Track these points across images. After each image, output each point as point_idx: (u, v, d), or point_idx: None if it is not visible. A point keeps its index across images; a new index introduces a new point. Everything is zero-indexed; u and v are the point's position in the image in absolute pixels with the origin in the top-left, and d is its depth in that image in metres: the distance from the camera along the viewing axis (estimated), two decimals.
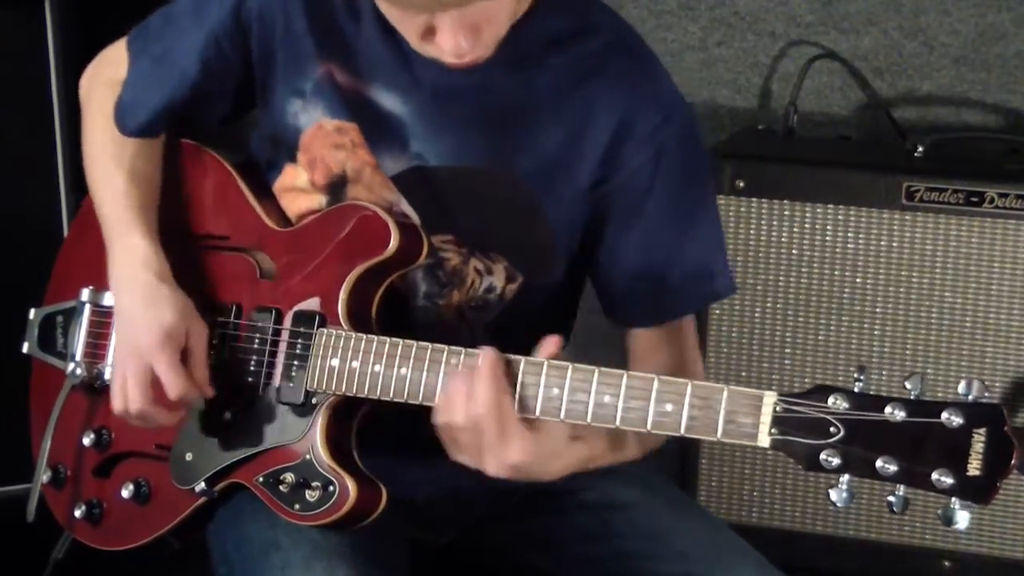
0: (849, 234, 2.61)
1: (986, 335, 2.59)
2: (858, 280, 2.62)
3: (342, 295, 1.82)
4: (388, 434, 1.87)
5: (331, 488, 1.78)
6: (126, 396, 1.87)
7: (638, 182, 1.89)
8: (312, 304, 1.84)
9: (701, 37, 3.09)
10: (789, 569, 2.64)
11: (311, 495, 1.79)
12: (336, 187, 1.91)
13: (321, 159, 1.91)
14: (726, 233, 2.61)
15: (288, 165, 1.94)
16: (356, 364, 1.78)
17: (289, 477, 1.81)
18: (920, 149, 2.68)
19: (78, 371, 1.99)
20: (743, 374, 2.69)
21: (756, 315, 2.67)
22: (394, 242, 1.81)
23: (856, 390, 1.56)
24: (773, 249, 2.64)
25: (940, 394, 2.61)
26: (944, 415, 1.51)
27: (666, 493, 2.00)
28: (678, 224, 1.93)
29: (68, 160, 2.71)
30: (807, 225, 2.63)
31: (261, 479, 1.83)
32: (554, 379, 1.69)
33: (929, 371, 2.62)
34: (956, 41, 2.98)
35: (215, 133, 2.05)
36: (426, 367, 1.75)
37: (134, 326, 1.88)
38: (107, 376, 1.98)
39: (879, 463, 1.53)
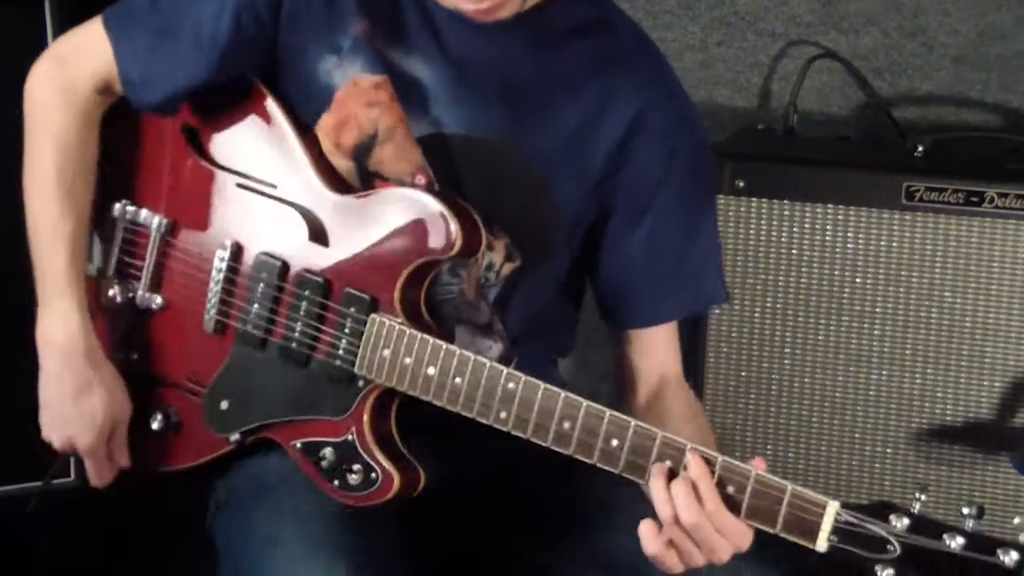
0: (849, 234, 2.61)
1: (986, 335, 2.59)
2: (858, 280, 2.62)
3: (399, 285, 1.83)
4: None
5: (373, 475, 1.82)
6: (94, 473, 2.00)
7: (649, 176, 1.94)
8: (366, 287, 1.85)
9: (701, 37, 3.09)
10: (789, 569, 2.65)
11: (353, 478, 1.82)
12: (363, 150, 1.92)
13: (354, 117, 1.92)
14: (726, 233, 2.63)
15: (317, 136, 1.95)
16: (409, 361, 1.81)
17: (329, 453, 1.84)
18: (920, 149, 2.68)
19: (110, 292, 2.02)
20: (743, 374, 2.68)
21: (756, 315, 2.66)
22: (459, 243, 1.82)
23: (916, 510, 1.62)
24: (773, 249, 2.64)
25: (939, 394, 2.61)
26: (1000, 553, 1.58)
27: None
28: (684, 226, 1.98)
29: None
30: (807, 225, 2.62)
31: (299, 445, 1.86)
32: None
33: (929, 371, 2.61)
34: (956, 41, 2.98)
35: None
36: (482, 386, 1.77)
37: (66, 411, 1.98)
38: (140, 299, 2.00)
39: None
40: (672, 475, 1.70)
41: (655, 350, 2.03)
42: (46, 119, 2.02)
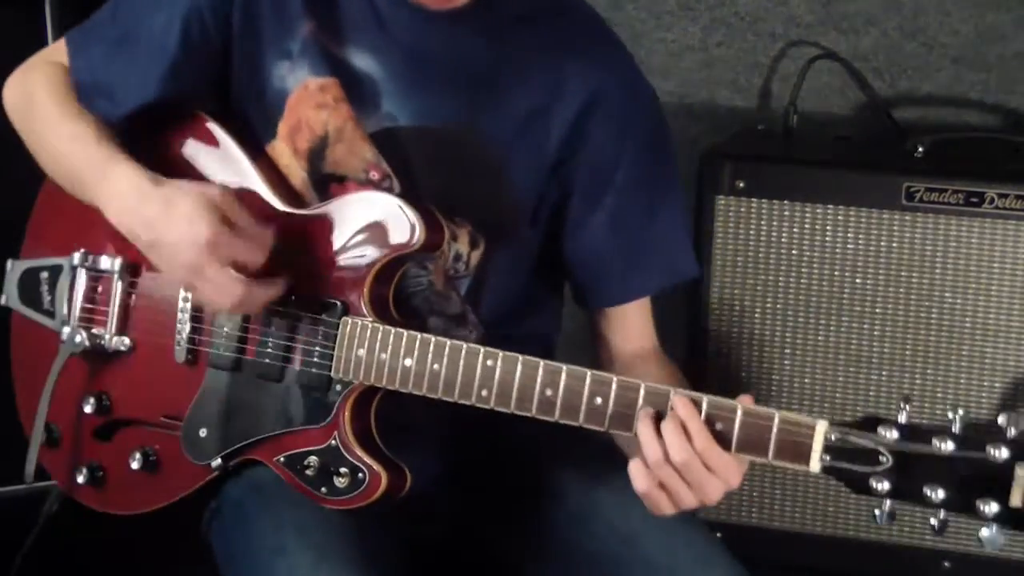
0: (849, 234, 2.61)
1: (986, 335, 2.59)
2: (858, 280, 2.62)
3: (367, 285, 1.85)
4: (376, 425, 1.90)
5: (360, 475, 1.82)
6: (227, 293, 1.80)
7: (605, 157, 1.95)
8: (334, 292, 1.86)
9: (701, 37, 3.09)
10: (789, 569, 2.66)
11: (340, 481, 1.83)
12: (317, 153, 1.94)
13: (305, 121, 1.93)
14: (726, 234, 2.63)
15: (271, 144, 1.96)
16: (385, 356, 1.82)
17: (314, 461, 1.84)
18: (920, 149, 2.67)
19: (77, 338, 2.00)
20: (743, 374, 2.68)
21: (756, 315, 2.66)
22: (420, 236, 1.83)
23: (902, 420, 1.64)
24: (773, 249, 2.64)
25: (939, 394, 2.61)
26: (990, 449, 1.60)
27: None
28: (646, 203, 1.99)
29: None
30: (807, 225, 2.62)
31: (283, 459, 1.86)
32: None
33: (929, 371, 2.61)
34: (956, 41, 2.98)
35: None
36: (461, 368, 1.78)
37: (172, 238, 1.80)
38: (108, 343, 1.99)
39: (926, 491, 1.63)
40: (659, 419, 1.71)
41: (630, 327, 2.05)
42: (30, 102, 2.02)
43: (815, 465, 1.66)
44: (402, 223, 1.83)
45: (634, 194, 1.98)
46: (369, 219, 1.86)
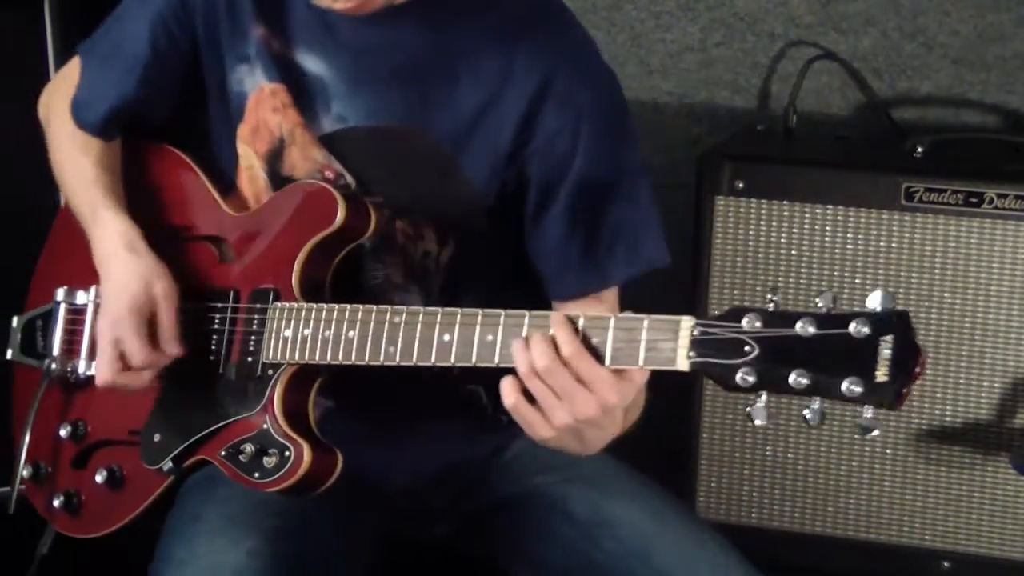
0: (848, 235, 2.61)
1: (985, 336, 2.59)
2: (857, 281, 2.62)
3: (295, 270, 1.87)
4: (357, 423, 1.93)
5: (287, 453, 1.83)
6: (99, 370, 1.92)
7: (560, 145, 1.91)
8: (269, 282, 1.89)
9: (700, 38, 3.09)
10: (789, 569, 2.66)
11: (268, 461, 1.84)
12: (274, 155, 1.96)
13: (264, 123, 1.96)
14: (726, 232, 2.64)
15: (237, 147, 1.99)
16: (307, 332, 1.84)
17: (248, 447, 1.86)
18: (919, 150, 2.68)
19: (53, 366, 2.05)
20: None
21: None
22: (340, 216, 1.86)
23: (769, 308, 1.58)
24: (772, 250, 2.64)
25: (939, 394, 2.62)
26: (852, 326, 1.53)
27: (654, 503, 1.98)
28: (603, 187, 1.93)
29: None
30: (806, 226, 2.63)
31: (223, 453, 1.88)
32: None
33: (928, 371, 2.61)
34: (955, 41, 2.98)
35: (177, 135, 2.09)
36: (371, 328, 1.79)
37: (105, 303, 1.94)
38: (81, 369, 2.04)
39: (792, 377, 1.55)
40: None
41: None
42: (52, 124, 2.12)
43: (682, 362, 1.60)
44: (321, 203, 1.86)
45: (592, 182, 1.92)
46: (295, 205, 1.90)
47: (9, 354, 2.16)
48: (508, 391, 1.68)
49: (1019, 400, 2.59)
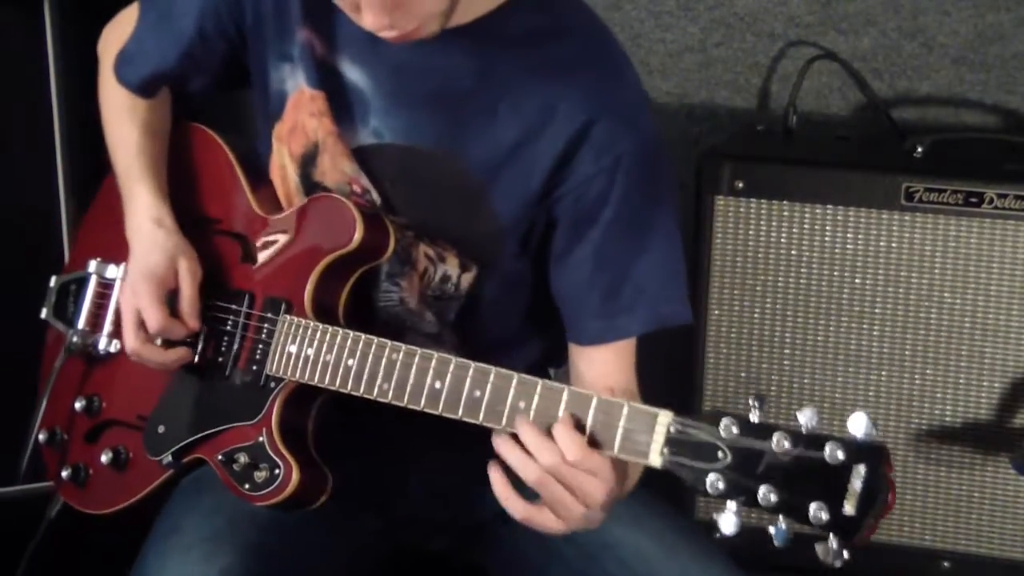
0: (848, 235, 2.61)
1: (985, 336, 2.59)
2: (857, 281, 2.62)
3: (308, 285, 1.87)
4: (363, 435, 1.92)
5: (276, 471, 1.83)
6: (124, 338, 1.94)
7: (593, 190, 1.87)
8: (282, 292, 1.89)
9: (700, 38, 3.09)
10: (789, 569, 2.65)
11: (258, 476, 1.85)
12: (308, 159, 1.95)
13: (301, 126, 1.94)
14: (726, 232, 2.63)
15: (272, 143, 1.98)
16: (311, 352, 1.84)
17: (242, 457, 1.86)
18: (919, 150, 2.67)
19: (75, 339, 2.07)
20: (742, 375, 2.68)
21: (755, 316, 2.66)
22: (359, 236, 1.86)
23: (751, 417, 1.55)
24: (772, 250, 2.64)
25: (939, 394, 2.62)
26: (827, 449, 1.50)
27: (658, 525, 1.96)
28: (632, 238, 1.89)
29: (68, 160, 2.72)
30: (806, 226, 2.62)
31: (221, 456, 1.88)
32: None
33: (928, 371, 2.62)
34: (955, 42, 2.98)
35: (230, 115, 2.11)
36: (368, 360, 1.79)
37: (130, 271, 1.96)
38: (101, 345, 2.05)
39: (761, 492, 1.54)
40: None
41: (607, 368, 1.93)
42: (104, 73, 2.10)
43: (655, 458, 1.59)
44: (342, 223, 1.86)
45: (621, 232, 1.88)
46: (318, 219, 1.90)
47: (43, 313, 2.17)
48: (516, 506, 1.69)
49: (1019, 400, 2.59)
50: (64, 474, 2.06)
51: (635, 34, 3.07)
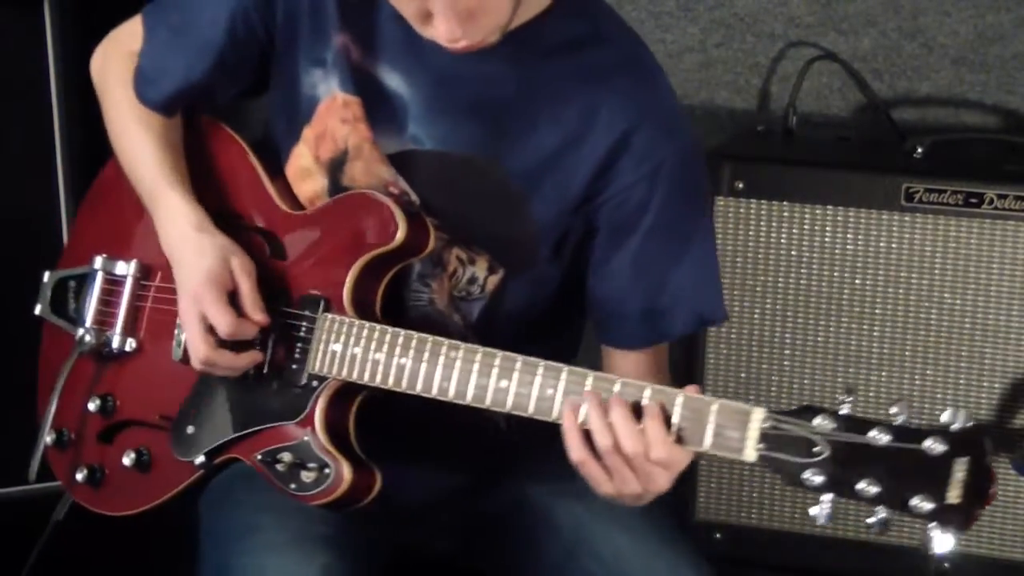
0: (848, 235, 2.61)
1: (985, 336, 2.59)
2: (857, 281, 2.62)
3: (348, 282, 1.85)
4: (373, 437, 1.89)
5: (327, 470, 1.82)
6: (193, 348, 1.88)
7: (633, 198, 1.88)
8: (319, 289, 1.87)
9: (700, 38, 3.09)
10: (789, 569, 2.65)
11: (307, 476, 1.83)
12: (336, 165, 1.94)
13: (330, 132, 1.93)
14: (726, 234, 2.63)
15: (295, 146, 1.96)
16: (358, 351, 1.82)
17: (287, 456, 1.84)
18: (919, 150, 2.67)
19: (87, 338, 2.04)
20: (742, 375, 2.68)
21: (755, 316, 2.66)
22: (401, 233, 1.84)
23: (843, 412, 1.58)
24: (772, 250, 2.64)
25: (939, 394, 2.61)
26: (927, 443, 1.53)
27: (634, 522, 1.95)
28: (672, 244, 1.92)
29: (67, 160, 2.72)
30: (806, 226, 2.62)
31: (260, 456, 1.86)
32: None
33: (928, 371, 2.61)
34: (955, 42, 2.98)
35: (231, 113, 2.08)
36: (425, 358, 1.78)
37: (182, 281, 1.90)
38: (115, 344, 2.03)
39: (860, 485, 1.57)
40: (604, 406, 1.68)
41: (643, 370, 1.96)
42: (109, 88, 2.07)
43: (750, 454, 1.61)
44: (385, 220, 1.84)
45: (661, 238, 1.90)
46: (357, 215, 1.87)
47: (38, 309, 2.14)
48: (577, 448, 1.69)
49: (1019, 400, 2.59)
50: (79, 476, 2.04)
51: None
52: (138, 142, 2.00)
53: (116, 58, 2.06)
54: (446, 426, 1.92)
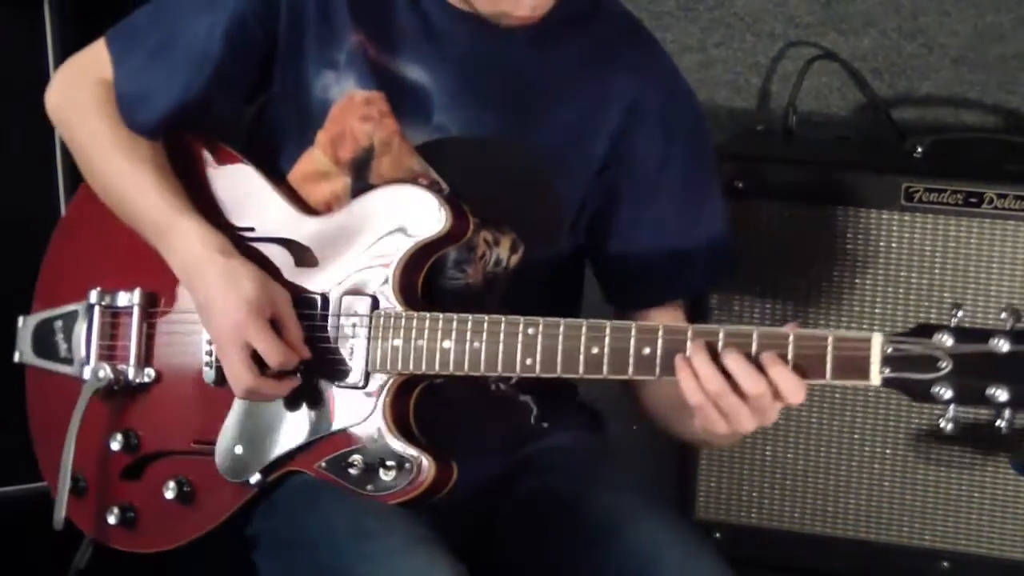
0: (848, 235, 2.61)
1: None
2: (857, 281, 2.62)
3: (395, 274, 1.84)
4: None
5: (407, 466, 1.80)
6: (236, 378, 1.84)
7: (650, 161, 1.96)
8: (362, 286, 1.85)
9: (700, 38, 3.09)
10: (789, 569, 2.65)
11: (387, 475, 1.80)
12: (361, 163, 1.93)
13: (350, 132, 1.92)
14: None
15: (306, 151, 1.94)
16: (423, 342, 1.80)
17: (358, 459, 1.82)
18: (919, 150, 2.67)
19: (101, 373, 1.97)
20: None
21: (755, 316, 2.66)
22: (447, 222, 1.83)
23: (960, 324, 1.63)
24: (772, 250, 2.64)
25: None
26: None
27: (658, 512, 1.96)
28: (693, 197, 2.01)
29: (67, 160, 2.71)
30: (806, 226, 2.62)
31: (324, 464, 1.84)
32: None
33: None
34: (955, 42, 2.98)
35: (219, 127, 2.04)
36: (501, 339, 1.78)
37: (220, 310, 1.85)
38: (131, 376, 1.97)
39: (989, 391, 1.61)
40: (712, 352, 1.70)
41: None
42: (79, 119, 2.01)
43: (875, 378, 1.64)
44: (426, 210, 1.83)
45: (680, 196, 1.99)
46: (394, 209, 1.86)
47: (18, 356, 2.10)
48: (693, 392, 1.70)
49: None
50: (111, 519, 1.98)
51: None
52: (130, 175, 1.95)
53: (82, 87, 2.00)
54: (478, 418, 1.92)
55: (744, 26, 3.07)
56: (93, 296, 2.01)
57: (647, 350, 1.72)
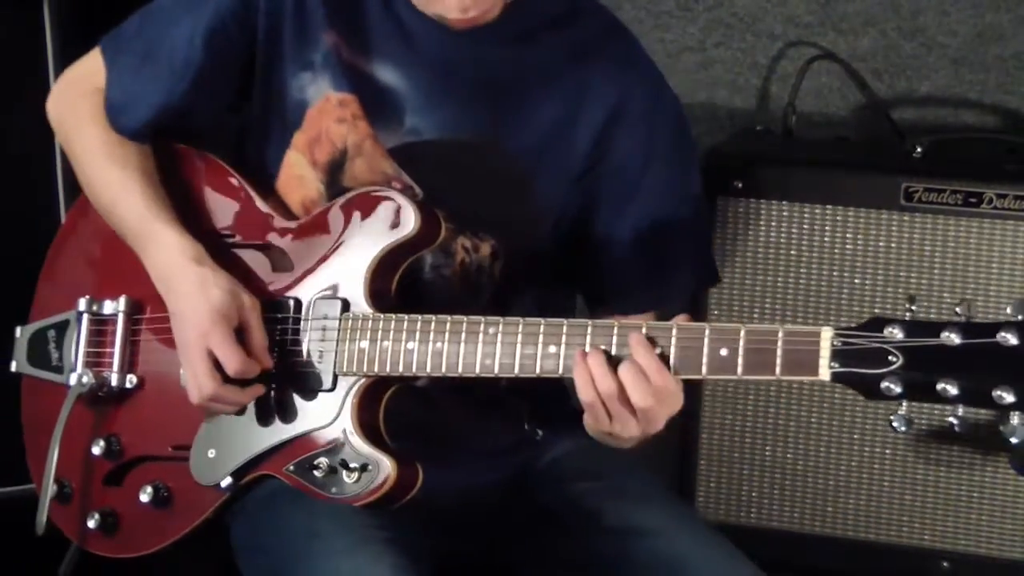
0: (848, 235, 2.61)
1: None
2: (856, 281, 2.62)
3: (365, 278, 1.84)
4: (403, 441, 1.88)
5: (370, 468, 1.80)
6: (197, 384, 1.85)
7: (633, 162, 1.94)
8: (334, 290, 1.86)
9: (699, 38, 3.09)
10: (789, 569, 2.65)
11: (349, 477, 1.81)
12: (335, 166, 1.94)
13: (326, 133, 1.93)
14: (725, 232, 2.63)
15: (286, 154, 1.96)
16: (388, 344, 1.80)
17: (323, 462, 1.82)
18: (918, 150, 2.67)
19: (84, 379, 1.99)
20: None
21: (755, 316, 2.66)
22: (415, 223, 1.83)
23: (909, 319, 1.60)
24: (771, 250, 2.64)
25: None
26: (1000, 335, 1.55)
27: (688, 519, 1.98)
28: (672, 204, 1.98)
29: (67, 164, 2.71)
30: (805, 226, 2.62)
31: (292, 467, 1.85)
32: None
33: None
34: (954, 42, 2.98)
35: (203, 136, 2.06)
36: (462, 339, 1.77)
37: (187, 315, 1.87)
38: (115, 382, 1.99)
39: (940, 386, 1.58)
40: (611, 358, 1.70)
41: None
42: (75, 127, 2.04)
43: (824, 373, 1.62)
44: (395, 214, 1.84)
45: (661, 200, 1.97)
46: (363, 213, 1.87)
47: (14, 366, 2.11)
48: (588, 389, 1.71)
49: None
50: (91, 524, 1.99)
51: (635, 34, 3.07)
52: (116, 181, 1.97)
53: (79, 96, 2.03)
54: (465, 421, 1.92)
55: (743, 26, 3.07)
56: (82, 304, 2.03)
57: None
